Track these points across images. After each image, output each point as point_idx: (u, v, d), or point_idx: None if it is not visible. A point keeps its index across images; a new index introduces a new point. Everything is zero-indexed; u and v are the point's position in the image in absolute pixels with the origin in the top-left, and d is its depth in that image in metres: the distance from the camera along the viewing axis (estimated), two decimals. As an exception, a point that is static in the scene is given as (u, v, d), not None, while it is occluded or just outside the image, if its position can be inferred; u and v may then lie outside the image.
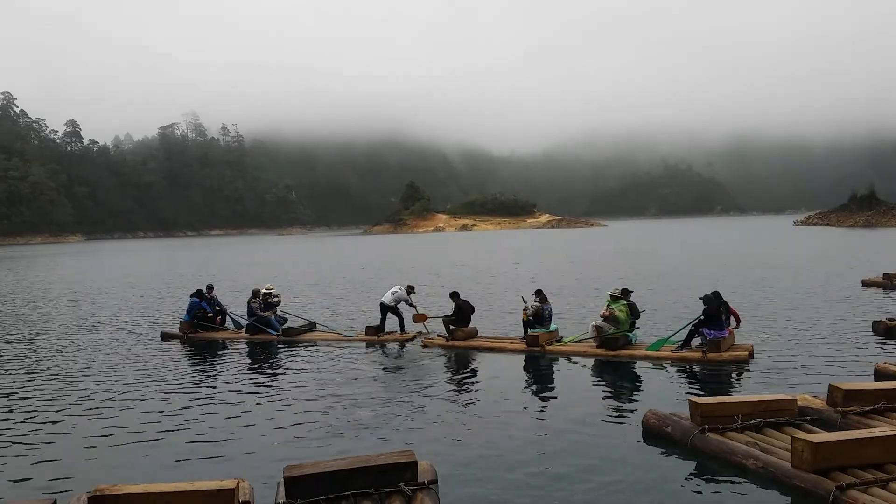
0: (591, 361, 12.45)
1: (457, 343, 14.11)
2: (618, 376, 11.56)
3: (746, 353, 11.80)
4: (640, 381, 11.07)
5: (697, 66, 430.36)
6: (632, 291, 13.96)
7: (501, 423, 8.85)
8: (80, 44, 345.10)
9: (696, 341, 12.28)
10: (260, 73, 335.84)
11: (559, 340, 13.65)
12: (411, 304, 15.86)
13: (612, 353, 12.49)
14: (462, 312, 14.68)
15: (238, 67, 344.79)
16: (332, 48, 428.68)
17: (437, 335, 14.72)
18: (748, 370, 11.30)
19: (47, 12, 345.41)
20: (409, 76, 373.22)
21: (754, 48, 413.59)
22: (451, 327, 14.48)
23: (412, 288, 16.24)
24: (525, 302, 14.03)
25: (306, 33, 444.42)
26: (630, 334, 13.02)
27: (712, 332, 11.90)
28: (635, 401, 9.87)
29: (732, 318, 12.63)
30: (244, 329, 16.26)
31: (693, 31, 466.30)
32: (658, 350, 12.40)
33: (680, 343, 12.39)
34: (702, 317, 12.06)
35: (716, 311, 11.94)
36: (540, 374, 12.00)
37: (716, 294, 12.50)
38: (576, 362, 12.49)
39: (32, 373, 12.76)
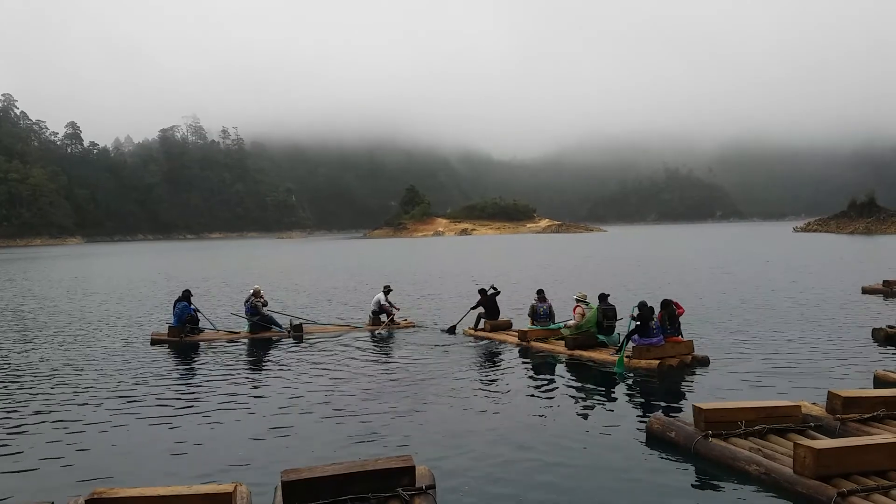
0: (590, 362, 12.69)
1: (479, 333, 15.61)
2: (619, 380, 11.51)
3: (657, 363, 11.75)
4: (640, 386, 11.01)
5: (698, 72, 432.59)
6: (608, 295, 13.98)
7: (502, 426, 8.80)
8: (74, 46, 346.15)
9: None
10: (261, 76, 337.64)
11: (557, 338, 14.25)
12: (392, 306, 17.21)
13: (570, 351, 13.23)
14: (486, 305, 16.07)
15: (239, 70, 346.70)
16: (333, 51, 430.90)
17: (469, 327, 16.07)
18: (743, 375, 11.26)
19: (38, 12, 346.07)
20: (410, 80, 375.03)
21: (754, 54, 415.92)
22: (482, 319, 15.94)
23: (389, 288, 17.79)
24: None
25: (307, 37, 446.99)
26: (601, 336, 13.38)
27: (639, 339, 12.19)
28: (637, 406, 9.84)
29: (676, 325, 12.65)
30: (247, 328, 16.42)
31: (694, 38, 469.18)
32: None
33: (618, 347, 12.66)
34: (638, 323, 12.28)
35: (647, 319, 12.16)
36: (541, 376, 11.97)
37: (665, 303, 12.70)
38: (573, 362, 12.77)
39: (26, 377, 12.62)
